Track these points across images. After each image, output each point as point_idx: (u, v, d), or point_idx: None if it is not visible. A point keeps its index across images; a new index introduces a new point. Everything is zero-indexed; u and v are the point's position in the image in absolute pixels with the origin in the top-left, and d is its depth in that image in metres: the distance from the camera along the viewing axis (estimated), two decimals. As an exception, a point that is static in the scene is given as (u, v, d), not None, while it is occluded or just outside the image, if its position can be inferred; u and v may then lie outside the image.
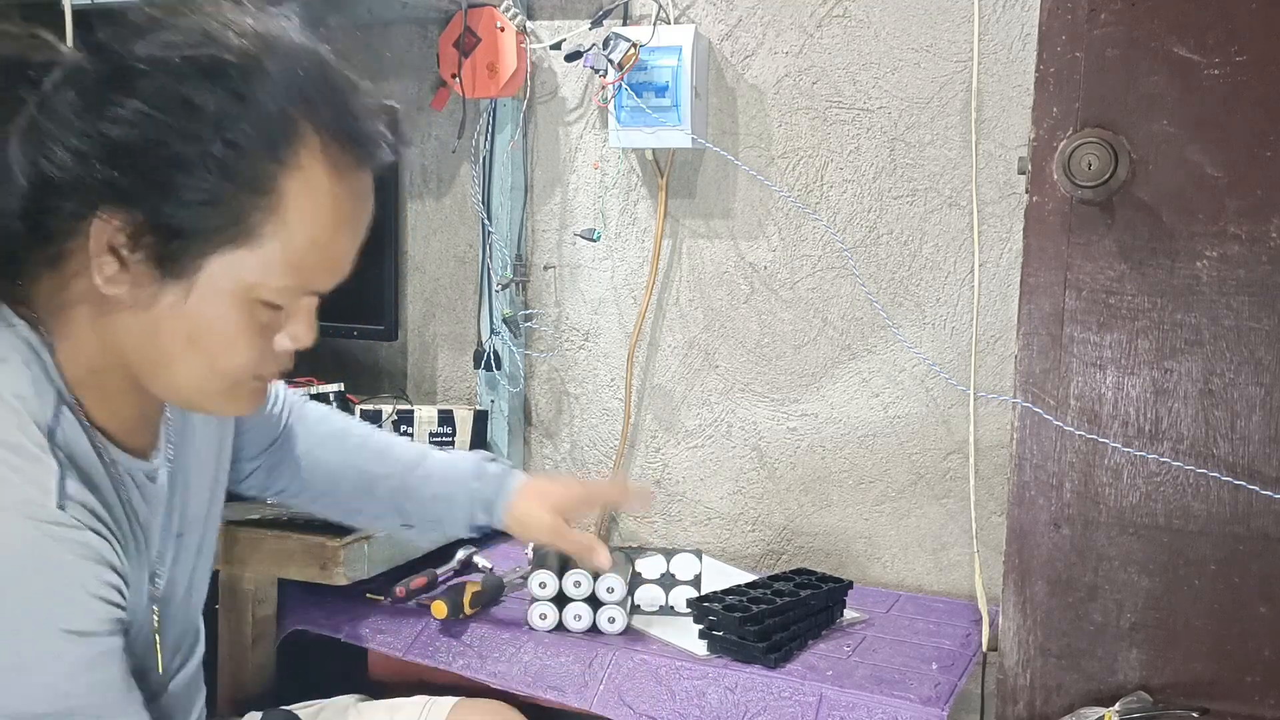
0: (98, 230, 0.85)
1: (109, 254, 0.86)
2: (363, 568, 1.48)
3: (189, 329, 0.88)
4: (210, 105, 0.83)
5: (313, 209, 0.87)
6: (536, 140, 1.89)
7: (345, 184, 0.89)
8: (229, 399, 0.94)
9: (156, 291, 0.87)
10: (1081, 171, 1.10)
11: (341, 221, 0.90)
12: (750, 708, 1.31)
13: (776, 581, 1.49)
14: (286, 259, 0.87)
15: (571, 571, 1.43)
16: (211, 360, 0.90)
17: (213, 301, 0.87)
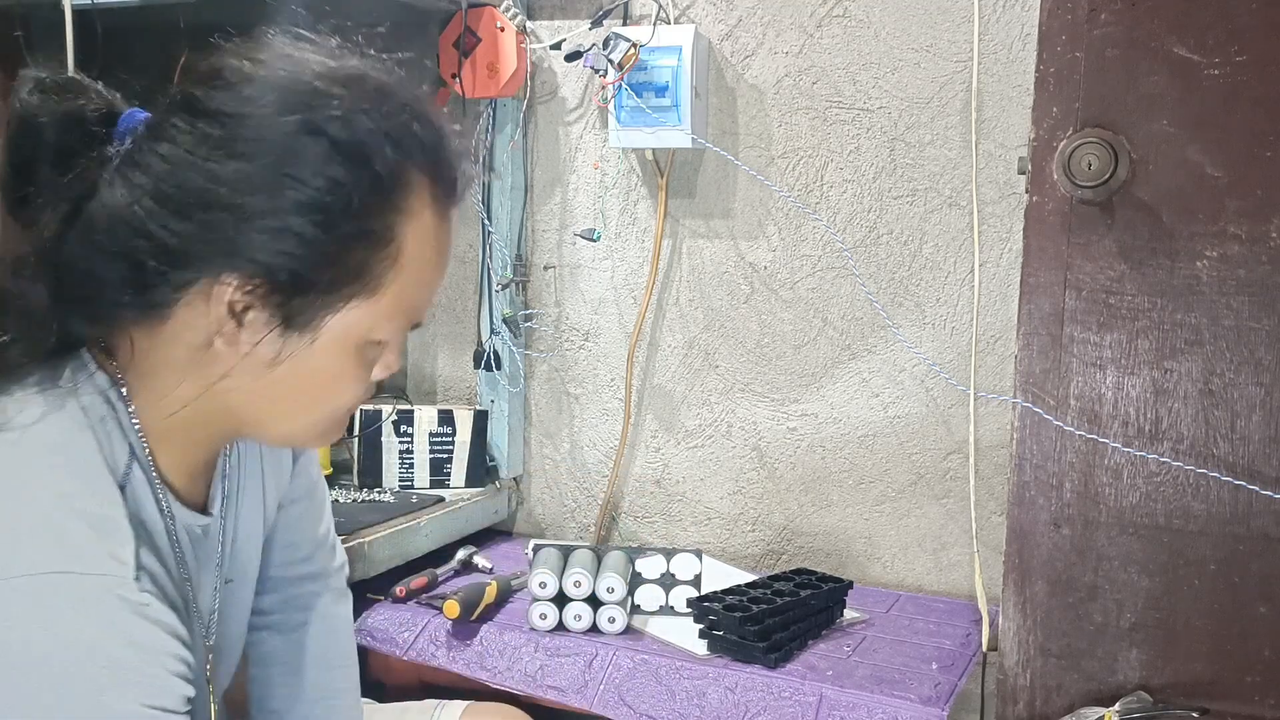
0: (218, 294, 0.84)
1: (230, 317, 0.85)
2: (362, 568, 1.48)
3: (306, 381, 0.89)
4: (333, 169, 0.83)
5: (424, 252, 0.89)
6: (536, 140, 1.89)
7: (447, 223, 0.92)
8: (328, 435, 0.96)
9: (279, 350, 0.86)
10: (1081, 171, 1.10)
11: (444, 257, 0.92)
12: (750, 708, 1.31)
13: (777, 581, 1.50)
14: (401, 302, 0.89)
15: (571, 571, 1.43)
16: (324, 407, 0.91)
17: (335, 352, 0.88)
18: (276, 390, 0.89)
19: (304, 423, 0.92)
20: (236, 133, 0.83)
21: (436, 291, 0.94)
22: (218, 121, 0.83)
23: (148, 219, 0.83)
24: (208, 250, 0.83)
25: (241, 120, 0.83)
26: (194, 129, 0.83)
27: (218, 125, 0.83)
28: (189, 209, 0.82)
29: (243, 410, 0.91)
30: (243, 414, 0.91)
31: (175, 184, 0.82)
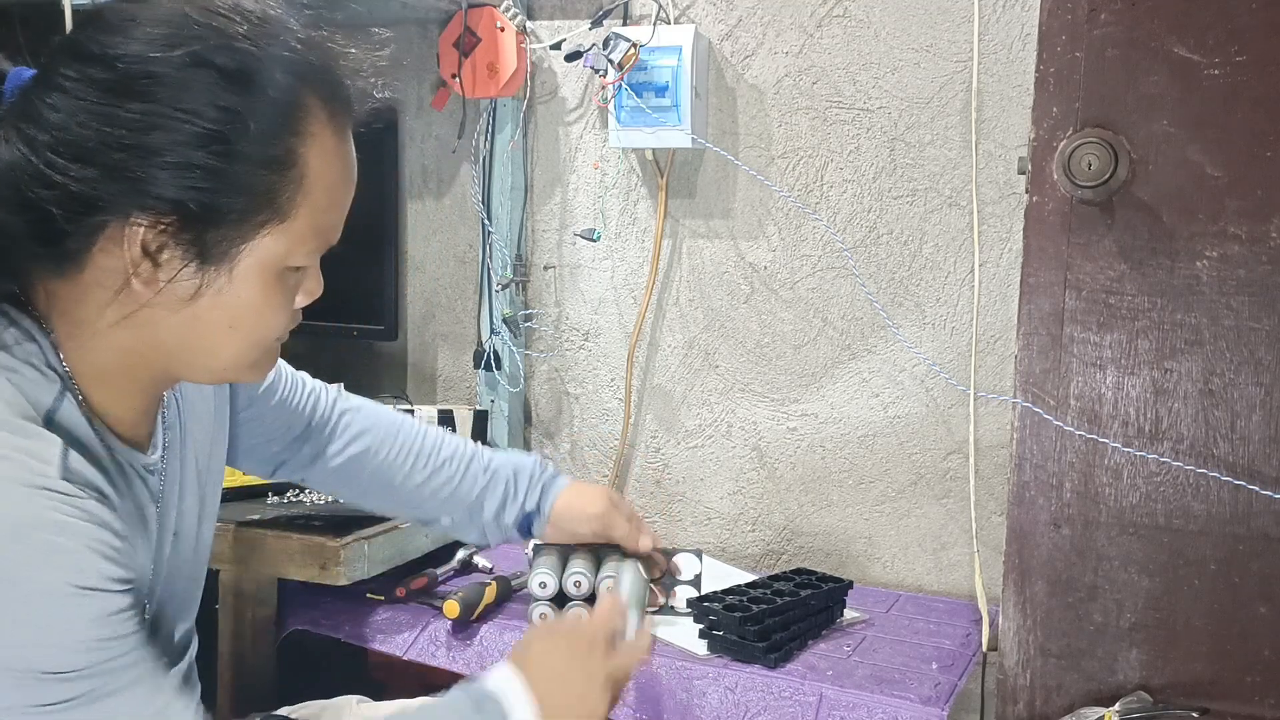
0: (130, 236, 0.85)
1: (145, 258, 0.86)
2: (363, 568, 1.48)
3: (229, 313, 0.90)
4: (227, 97, 0.84)
5: (329, 172, 0.90)
6: (536, 140, 1.89)
7: (346, 141, 0.93)
8: (260, 367, 0.97)
9: (198, 284, 0.88)
10: (1081, 171, 1.10)
11: (348, 176, 0.94)
12: (750, 708, 1.31)
13: (777, 581, 1.49)
14: (312, 224, 0.90)
15: (571, 571, 1.42)
16: (252, 336, 0.92)
17: (253, 281, 0.89)
18: (201, 325, 0.90)
19: (232, 355, 0.93)
20: (125, 73, 0.84)
21: (346, 211, 0.95)
22: (105, 64, 0.84)
23: (49, 169, 0.83)
24: (113, 193, 0.84)
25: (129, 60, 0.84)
26: (83, 75, 0.84)
27: (106, 68, 0.84)
28: (89, 154, 0.83)
29: (171, 348, 0.91)
30: (172, 352, 0.92)
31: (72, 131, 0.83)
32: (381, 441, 1.35)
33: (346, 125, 0.93)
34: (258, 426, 1.26)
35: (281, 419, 1.29)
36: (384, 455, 1.34)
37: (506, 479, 1.37)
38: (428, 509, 1.36)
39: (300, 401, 1.31)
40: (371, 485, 1.35)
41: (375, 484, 1.35)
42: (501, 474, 1.37)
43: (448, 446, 1.37)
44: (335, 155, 0.91)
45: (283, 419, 1.29)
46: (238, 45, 0.86)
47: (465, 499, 1.35)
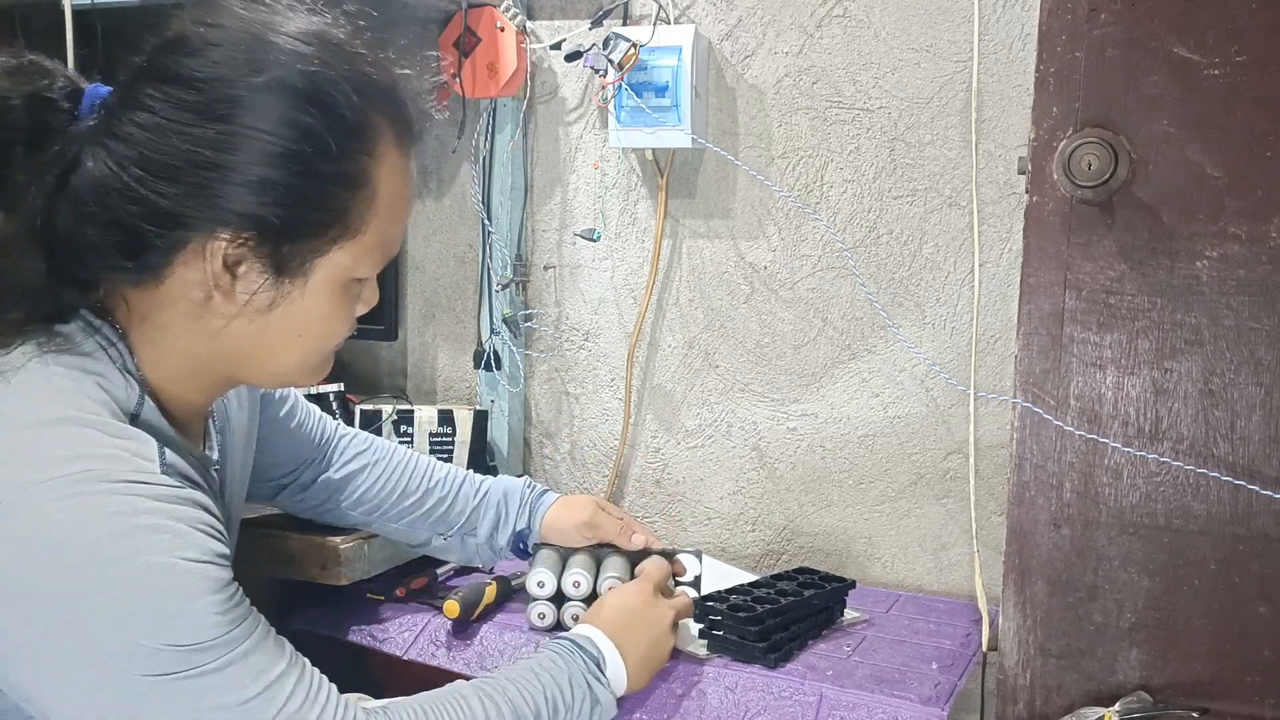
0: (212, 251, 0.90)
1: (224, 270, 0.91)
2: (363, 568, 1.48)
3: (298, 323, 0.96)
4: (304, 119, 0.89)
5: (395, 190, 0.97)
6: (536, 140, 1.89)
7: (410, 162, 0.99)
8: (318, 372, 1.04)
9: (272, 296, 0.93)
10: (1081, 171, 1.10)
11: (411, 193, 1.01)
12: (750, 708, 1.31)
13: (779, 581, 1.49)
14: (379, 239, 0.97)
15: (570, 571, 1.42)
16: (317, 344, 0.99)
17: (324, 292, 0.95)
18: (272, 334, 0.96)
19: (297, 361, 0.99)
20: (209, 95, 0.88)
21: (406, 225, 1.03)
22: (189, 86, 0.88)
23: (137, 185, 0.88)
24: (198, 209, 0.88)
25: (213, 83, 0.88)
26: (168, 96, 0.89)
27: (190, 90, 0.88)
28: (176, 172, 0.88)
29: (240, 355, 0.97)
30: (241, 359, 0.97)
31: (159, 150, 0.88)
32: (376, 462, 1.41)
33: (411, 146, 0.99)
34: (273, 450, 1.33)
35: (295, 444, 1.36)
36: (379, 474, 1.41)
37: (498, 501, 1.44)
38: (419, 530, 1.43)
39: (312, 427, 1.38)
40: (365, 505, 1.41)
41: (369, 503, 1.41)
42: (492, 497, 1.44)
43: (440, 470, 1.44)
44: (401, 173, 0.97)
45: (296, 444, 1.36)
46: (313, 69, 0.90)
47: (457, 520, 1.43)
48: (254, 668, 0.90)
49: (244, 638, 0.89)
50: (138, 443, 0.89)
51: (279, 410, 1.32)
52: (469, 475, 1.45)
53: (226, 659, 0.88)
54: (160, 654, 0.85)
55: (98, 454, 0.86)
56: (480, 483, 1.45)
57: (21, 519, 0.83)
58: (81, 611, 0.83)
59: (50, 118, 0.91)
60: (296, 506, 1.41)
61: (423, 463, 1.43)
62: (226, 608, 0.88)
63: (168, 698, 0.86)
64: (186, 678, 0.86)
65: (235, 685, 0.88)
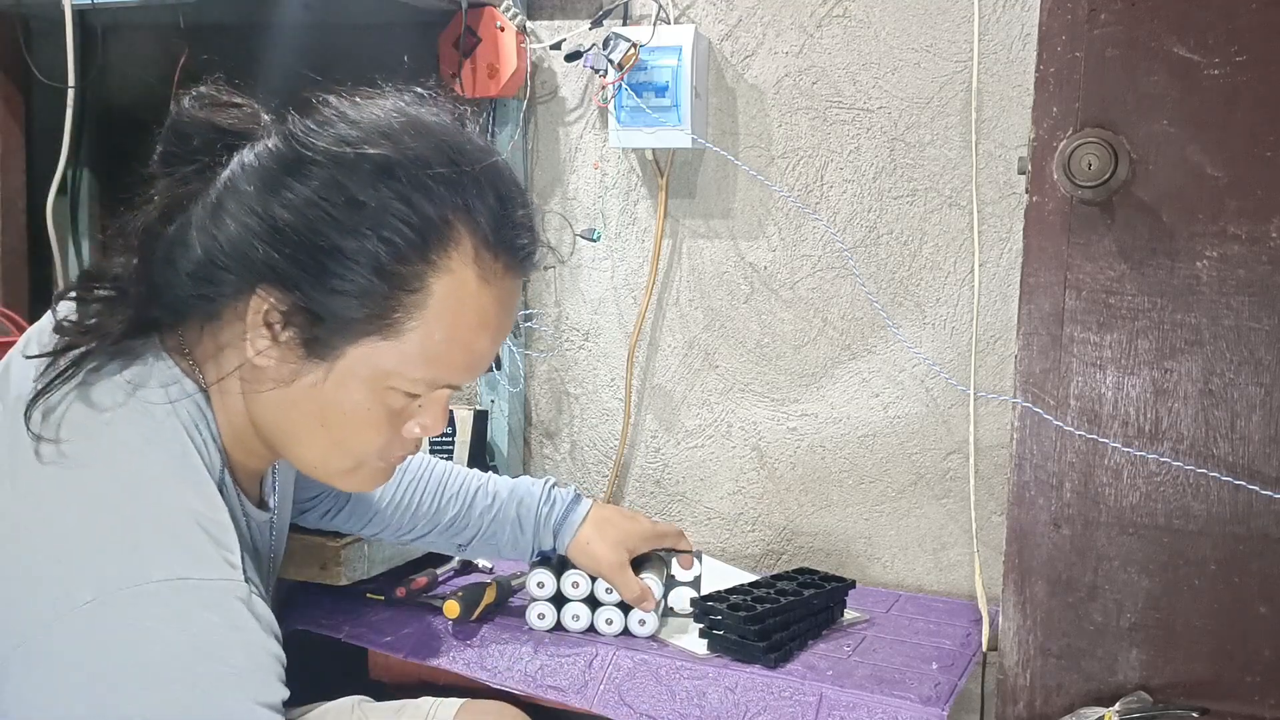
0: (256, 304, 0.89)
1: (264, 328, 0.90)
2: (363, 568, 1.48)
3: (322, 409, 0.92)
4: (373, 202, 0.87)
5: (457, 310, 0.90)
6: (536, 140, 1.89)
7: (492, 289, 0.92)
8: (352, 477, 0.99)
9: (298, 369, 0.91)
10: (1081, 171, 1.10)
11: (484, 325, 0.93)
12: (750, 708, 1.31)
13: (779, 581, 1.49)
14: (425, 353, 0.91)
15: (570, 572, 1.43)
16: (339, 441, 0.94)
17: (349, 386, 0.91)
18: (295, 412, 0.93)
19: (320, 453, 0.95)
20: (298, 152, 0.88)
21: (481, 359, 0.95)
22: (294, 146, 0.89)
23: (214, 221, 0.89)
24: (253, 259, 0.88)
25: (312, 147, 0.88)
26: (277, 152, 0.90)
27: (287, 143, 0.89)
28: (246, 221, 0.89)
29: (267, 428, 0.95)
30: (270, 430, 0.95)
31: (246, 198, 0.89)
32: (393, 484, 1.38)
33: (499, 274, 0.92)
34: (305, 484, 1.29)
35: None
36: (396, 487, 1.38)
37: (511, 521, 1.41)
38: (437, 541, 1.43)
39: None
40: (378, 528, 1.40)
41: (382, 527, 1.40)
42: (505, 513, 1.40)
43: (454, 482, 1.40)
44: (471, 297, 0.91)
45: None
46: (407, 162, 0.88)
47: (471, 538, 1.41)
48: None
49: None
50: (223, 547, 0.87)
51: None
52: (481, 487, 1.41)
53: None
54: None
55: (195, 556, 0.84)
56: (493, 497, 1.40)
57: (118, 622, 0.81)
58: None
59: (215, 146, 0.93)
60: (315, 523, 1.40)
61: (434, 476, 1.40)
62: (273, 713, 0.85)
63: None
64: None
65: None
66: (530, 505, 1.40)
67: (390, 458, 0.99)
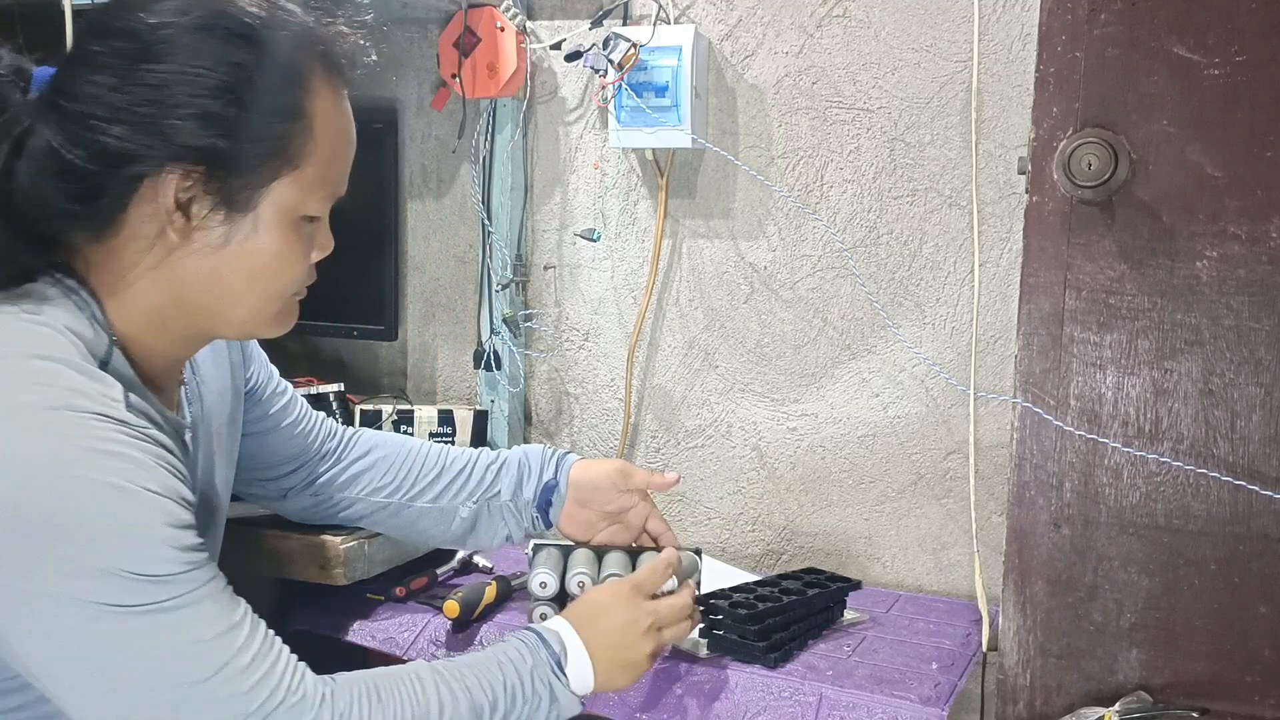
0: (163, 188, 0.95)
1: (177, 211, 0.96)
2: (363, 568, 1.48)
3: (253, 261, 0.99)
4: (236, 54, 0.95)
5: (331, 123, 1.01)
6: (536, 140, 1.89)
7: (343, 99, 1.04)
8: (280, 320, 1.06)
9: (226, 232, 0.98)
10: (1081, 171, 1.10)
11: (350, 130, 1.05)
12: (750, 708, 1.31)
13: (784, 580, 1.49)
14: (321, 172, 1.00)
15: (574, 571, 1.42)
16: (272, 285, 1.02)
17: (273, 229, 0.99)
18: (228, 273, 0.99)
19: (254, 304, 1.02)
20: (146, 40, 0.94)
21: (350, 163, 1.06)
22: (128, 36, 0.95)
23: (86, 131, 0.93)
24: (143, 145, 0.94)
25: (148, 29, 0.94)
26: (109, 47, 0.95)
27: (128, 39, 0.95)
28: (121, 114, 0.93)
29: (201, 301, 1.00)
30: (201, 306, 1.00)
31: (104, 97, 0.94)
32: (389, 448, 1.41)
33: (342, 84, 1.04)
34: (270, 448, 1.33)
35: (295, 442, 1.35)
36: (393, 459, 1.40)
37: (518, 460, 1.42)
38: (443, 504, 1.40)
39: (313, 427, 1.38)
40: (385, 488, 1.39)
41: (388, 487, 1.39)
42: (512, 459, 1.43)
43: (454, 449, 1.44)
44: (336, 110, 1.02)
45: (296, 442, 1.35)
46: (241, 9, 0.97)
47: (478, 488, 1.40)
48: (208, 613, 0.91)
49: (202, 582, 0.91)
50: (104, 384, 0.92)
51: (271, 406, 1.31)
52: (484, 449, 1.45)
53: (182, 599, 0.89)
54: (116, 579, 0.87)
55: (62, 385, 0.89)
56: (498, 452, 1.44)
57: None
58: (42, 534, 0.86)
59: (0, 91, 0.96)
60: (311, 508, 1.39)
61: (436, 446, 1.43)
62: (184, 546, 0.90)
63: (119, 630, 0.87)
64: (141, 613, 0.88)
65: (188, 627, 0.90)
66: (535, 449, 1.44)
67: (301, 288, 1.06)
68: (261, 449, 1.32)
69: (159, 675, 0.89)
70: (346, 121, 1.04)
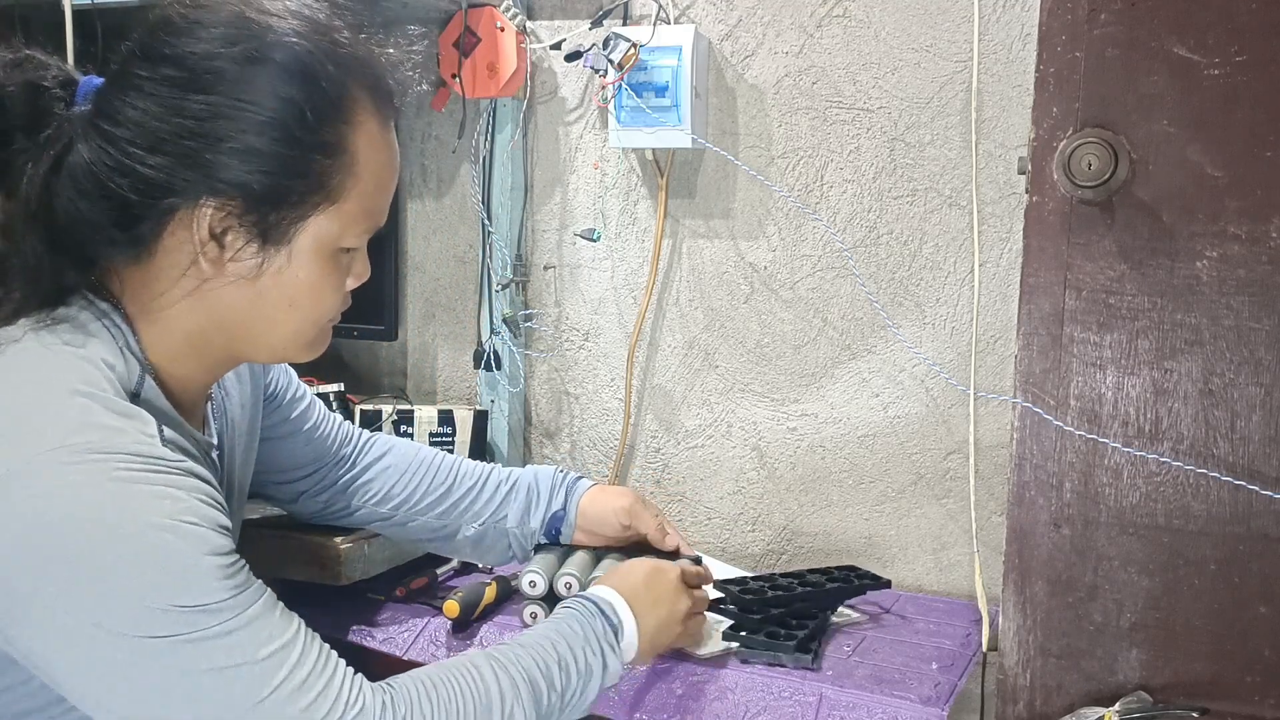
0: (198, 218, 0.94)
1: (211, 241, 0.95)
2: (363, 568, 1.48)
3: (291, 291, 0.99)
4: (282, 90, 0.93)
5: (375, 158, 1.00)
6: (536, 140, 1.89)
7: (390, 130, 1.03)
8: (316, 345, 1.07)
9: (260, 263, 0.97)
10: (1081, 171, 1.10)
11: (394, 162, 1.04)
12: (750, 708, 1.31)
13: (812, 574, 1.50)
14: (362, 206, 1.00)
15: (563, 573, 1.41)
16: (309, 314, 1.01)
17: (309, 261, 0.98)
18: (264, 303, 0.98)
19: (291, 332, 1.02)
20: (193, 69, 0.92)
21: (391, 195, 1.05)
22: (175, 63, 0.93)
23: (126, 159, 0.92)
24: (184, 178, 0.92)
25: (196, 58, 0.92)
26: (155, 74, 0.93)
27: (176, 66, 0.93)
28: (162, 143, 0.92)
29: (236, 326, 1.00)
30: (236, 330, 1.00)
31: (147, 125, 0.92)
32: (401, 457, 1.41)
33: (390, 115, 1.03)
34: (287, 452, 1.34)
35: (311, 445, 1.36)
36: (404, 469, 1.40)
37: (528, 485, 1.42)
38: (448, 521, 1.41)
39: (331, 431, 1.38)
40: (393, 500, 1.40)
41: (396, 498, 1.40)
42: (522, 482, 1.43)
43: (467, 463, 1.44)
44: (381, 142, 1.01)
45: (312, 445, 1.36)
46: (291, 42, 0.95)
47: (486, 509, 1.41)
48: (260, 634, 0.91)
49: (249, 604, 0.91)
50: (138, 420, 0.91)
51: (291, 412, 1.32)
52: (496, 466, 1.45)
53: (232, 624, 0.89)
54: (165, 615, 0.86)
55: (100, 424, 0.89)
56: (509, 472, 1.44)
57: (30, 488, 0.86)
58: (89, 576, 0.85)
59: (46, 104, 0.95)
60: (321, 511, 1.40)
61: (449, 458, 1.43)
62: (230, 572, 0.90)
63: (173, 660, 0.87)
64: (191, 641, 0.87)
65: (240, 649, 0.89)
66: (546, 473, 1.44)
67: (337, 315, 1.06)
68: (279, 453, 1.32)
69: (216, 701, 0.89)
70: (390, 154, 1.03)
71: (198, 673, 0.88)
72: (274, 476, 1.34)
